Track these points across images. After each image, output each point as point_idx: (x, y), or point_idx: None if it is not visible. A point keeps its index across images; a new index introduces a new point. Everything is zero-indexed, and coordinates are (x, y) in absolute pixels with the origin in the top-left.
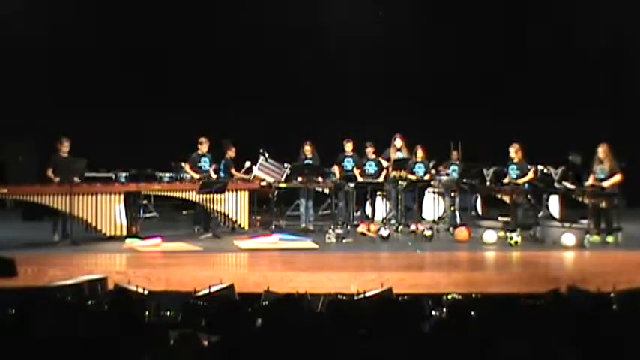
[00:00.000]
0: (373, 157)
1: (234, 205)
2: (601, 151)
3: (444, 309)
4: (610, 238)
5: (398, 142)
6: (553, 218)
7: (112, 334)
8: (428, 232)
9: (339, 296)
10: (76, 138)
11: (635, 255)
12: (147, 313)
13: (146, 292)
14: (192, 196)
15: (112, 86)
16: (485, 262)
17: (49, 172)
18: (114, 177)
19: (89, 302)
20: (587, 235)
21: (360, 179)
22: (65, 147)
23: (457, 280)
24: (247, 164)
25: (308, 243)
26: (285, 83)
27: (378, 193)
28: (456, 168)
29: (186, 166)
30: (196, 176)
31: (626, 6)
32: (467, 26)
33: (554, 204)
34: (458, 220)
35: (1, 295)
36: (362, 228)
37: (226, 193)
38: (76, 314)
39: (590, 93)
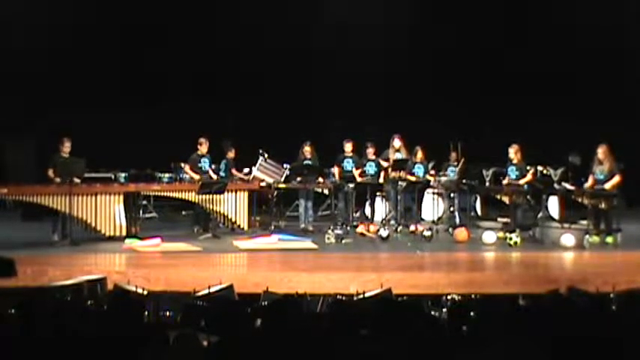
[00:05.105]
0: (373, 157)
1: (233, 205)
2: (601, 152)
3: (444, 309)
4: (609, 239)
5: (396, 143)
6: (552, 219)
7: (112, 334)
8: (427, 233)
9: (338, 297)
10: (76, 138)
11: (635, 256)
12: (146, 313)
13: (145, 293)
14: (191, 196)
15: (112, 86)
16: (485, 263)
17: (50, 172)
18: (113, 177)
19: (88, 302)
20: (587, 236)
21: (359, 180)
22: (66, 147)
23: (456, 281)
24: (247, 170)
25: (307, 243)
26: (284, 83)
27: (378, 193)
28: (454, 169)
29: (186, 167)
30: (196, 177)
31: (626, 6)
32: (467, 26)
33: (553, 205)
34: (457, 220)
35: (0, 295)
36: (361, 228)
37: (226, 193)
38: (76, 314)
39: (590, 93)
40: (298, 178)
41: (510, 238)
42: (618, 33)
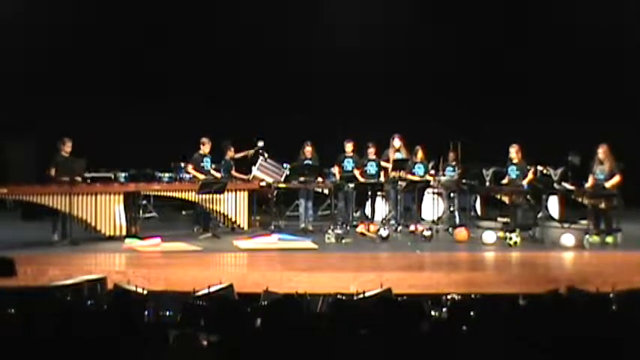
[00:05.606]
0: (374, 157)
1: (233, 205)
2: (601, 151)
3: (444, 309)
4: (609, 239)
5: (396, 143)
6: (552, 219)
7: (112, 334)
8: (427, 233)
9: (338, 297)
10: (76, 138)
11: (635, 256)
12: (146, 313)
13: (145, 292)
14: (191, 196)
15: (112, 86)
16: (485, 263)
17: (52, 172)
18: (113, 177)
19: (88, 302)
20: (587, 236)
21: (360, 179)
22: (67, 147)
23: (456, 281)
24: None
25: (307, 243)
26: (285, 83)
27: (378, 193)
28: (453, 169)
29: (189, 167)
30: (201, 176)
31: (626, 6)
32: (467, 26)
33: (553, 204)
34: (457, 220)
35: (0, 295)
36: (361, 228)
37: (226, 193)
38: (76, 314)
39: (590, 93)
40: (299, 178)
41: (510, 238)
42: (618, 33)
